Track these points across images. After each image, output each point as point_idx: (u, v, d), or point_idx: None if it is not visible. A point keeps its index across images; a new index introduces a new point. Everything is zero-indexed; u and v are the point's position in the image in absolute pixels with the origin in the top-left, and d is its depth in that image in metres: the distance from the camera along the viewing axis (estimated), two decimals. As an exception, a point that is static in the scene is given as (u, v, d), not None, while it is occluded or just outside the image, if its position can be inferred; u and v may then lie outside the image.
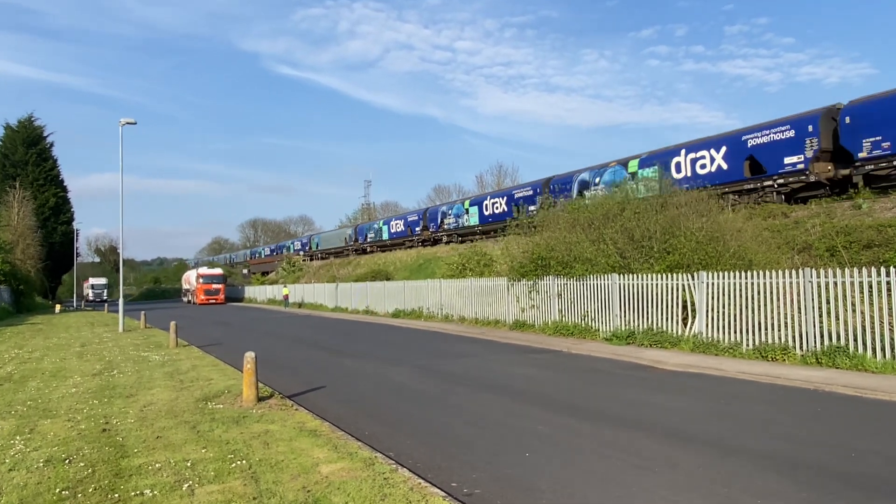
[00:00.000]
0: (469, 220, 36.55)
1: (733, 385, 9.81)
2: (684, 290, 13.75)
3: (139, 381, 11.03)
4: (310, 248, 63.82)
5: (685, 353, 12.91)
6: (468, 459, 6.19)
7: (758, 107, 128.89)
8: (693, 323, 13.60)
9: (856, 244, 15.04)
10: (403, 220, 45.97)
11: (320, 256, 60.48)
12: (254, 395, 8.75)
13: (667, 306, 14.13)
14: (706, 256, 13.88)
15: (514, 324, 19.38)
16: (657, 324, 14.34)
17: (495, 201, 34.25)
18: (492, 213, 34.25)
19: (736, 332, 12.54)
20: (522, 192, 32.20)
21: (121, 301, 25.51)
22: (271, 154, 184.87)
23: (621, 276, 15.40)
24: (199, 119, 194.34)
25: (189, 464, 5.91)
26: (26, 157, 58.73)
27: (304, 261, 61.30)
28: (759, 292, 12.11)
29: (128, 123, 24.56)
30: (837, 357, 10.50)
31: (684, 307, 13.85)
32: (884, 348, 10.12)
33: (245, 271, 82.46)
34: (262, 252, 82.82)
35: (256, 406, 8.53)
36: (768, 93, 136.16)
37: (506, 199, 33.21)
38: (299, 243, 68.80)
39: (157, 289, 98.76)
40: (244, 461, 5.95)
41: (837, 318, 10.79)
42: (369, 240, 50.56)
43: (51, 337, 21.45)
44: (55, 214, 60.40)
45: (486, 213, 34.89)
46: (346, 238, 55.78)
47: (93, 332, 23.19)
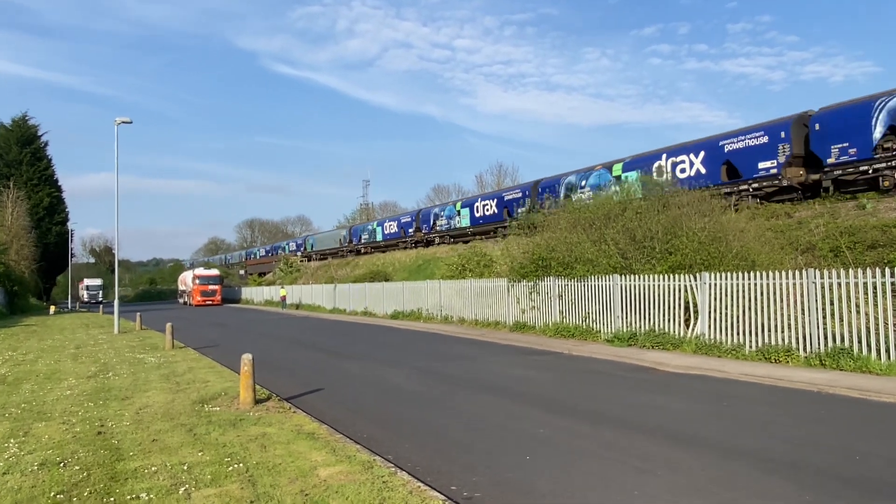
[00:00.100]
0: (461, 222, 37.02)
1: (736, 387, 9.73)
2: (686, 290, 13.67)
3: (135, 384, 10.91)
4: (305, 248, 63.96)
5: (687, 354, 12.83)
6: (468, 462, 6.11)
7: (761, 106, 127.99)
8: (695, 324, 13.51)
9: (860, 245, 15.00)
10: (397, 222, 46.36)
11: (316, 257, 60.45)
12: (251, 397, 8.64)
13: (669, 307, 14.04)
14: (709, 257, 13.82)
15: (515, 325, 19.28)
16: (659, 325, 14.26)
17: (486, 203, 34.75)
18: (482, 214, 34.82)
19: (739, 333, 12.47)
20: (512, 194, 32.65)
21: (116, 302, 25.28)
22: (269, 154, 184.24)
23: (623, 276, 15.31)
24: (196, 118, 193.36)
25: (185, 467, 5.82)
26: (20, 157, 58.32)
27: (301, 261, 61.22)
28: (762, 293, 12.04)
29: (123, 122, 24.45)
30: (841, 359, 10.42)
31: (686, 308, 13.77)
32: (888, 350, 10.04)
33: (242, 272, 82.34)
34: (258, 253, 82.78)
35: (253, 408, 8.42)
36: (772, 91, 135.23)
37: (496, 201, 33.70)
38: (295, 244, 68.86)
39: (152, 290, 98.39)
40: (241, 464, 5.86)
41: (841, 319, 10.72)
42: (364, 241, 50.79)
43: (45, 339, 21.28)
44: (50, 215, 60.07)
45: (476, 215, 35.45)
46: (340, 239, 55.94)
47: (88, 334, 23.03)
